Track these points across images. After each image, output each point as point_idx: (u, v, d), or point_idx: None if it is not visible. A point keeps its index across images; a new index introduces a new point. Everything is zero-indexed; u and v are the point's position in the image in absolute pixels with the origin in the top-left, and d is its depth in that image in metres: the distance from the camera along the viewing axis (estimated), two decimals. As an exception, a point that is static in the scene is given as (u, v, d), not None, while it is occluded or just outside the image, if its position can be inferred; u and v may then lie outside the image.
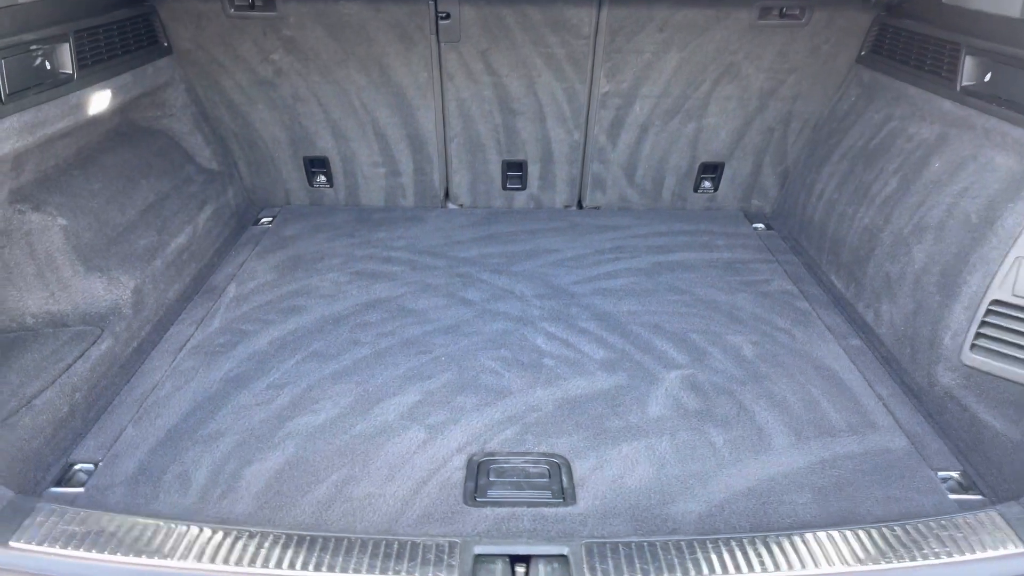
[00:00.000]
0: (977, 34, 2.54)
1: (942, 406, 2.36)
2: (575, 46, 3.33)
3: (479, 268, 3.28)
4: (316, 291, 3.07)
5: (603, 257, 3.40)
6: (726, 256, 3.43)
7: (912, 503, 2.03)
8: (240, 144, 3.67)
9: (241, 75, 3.42)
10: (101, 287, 2.59)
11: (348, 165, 3.76)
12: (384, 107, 3.54)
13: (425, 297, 3.04)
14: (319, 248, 3.45)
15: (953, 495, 2.07)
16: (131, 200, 2.98)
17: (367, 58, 3.37)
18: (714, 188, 3.85)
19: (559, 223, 3.76)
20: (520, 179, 3.83)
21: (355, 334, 2.78)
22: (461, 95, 3.51)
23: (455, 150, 3.70)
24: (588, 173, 3.79)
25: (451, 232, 3.65)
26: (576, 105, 3.54)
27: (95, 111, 2.68)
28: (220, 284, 3.13)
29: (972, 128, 2.52)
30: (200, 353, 2.65)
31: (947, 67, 2.70)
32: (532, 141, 3.67)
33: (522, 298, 3.05)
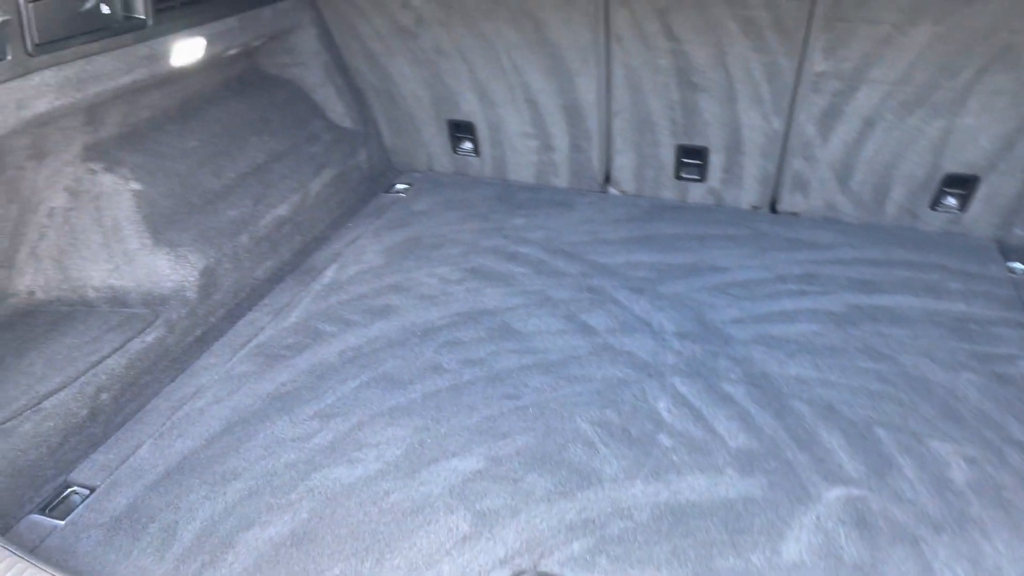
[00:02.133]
0: None
1: None
2: (785, 9, 2.51)
3: (617, 282, 2.64)
4: (417, 288, 2.61)
5: (784, 287, 2.63)
6: (959, 309, 2.52)
7: None
8: (380, 99, 3.25)
9: (380, 21, 2.96)
10: (167, 265, 2.29)
11: (495, 134, 3.22)
12: (537, 70, 2.94)
13: (539, 315, 2.47)
14: (443, 231, 2.97)
15: None
16: (232, 162, 2.66)
17: (519, 10, 2.77)
18: (960, 207, 2.88)
19: (740, 229, 2.99)
20: (699, 169, 3.09)
21: (439, 356, 2.29)
22: (631, 62, 2.81)
23: (619, 127, 3.03)
24: (787, 170, 2.97)
25: (600, 226, 3.01)
26: (778, 85, 2.72)
27: (183, 61, 2.34)
28: (320, 264, 2.76)
29: None
30: (261, 355, 2.29)
31: None
32: (717, 125, 2.91)
33: (658, 334, 2.39)
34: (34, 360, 1.99)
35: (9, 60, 1.73)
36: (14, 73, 1.76)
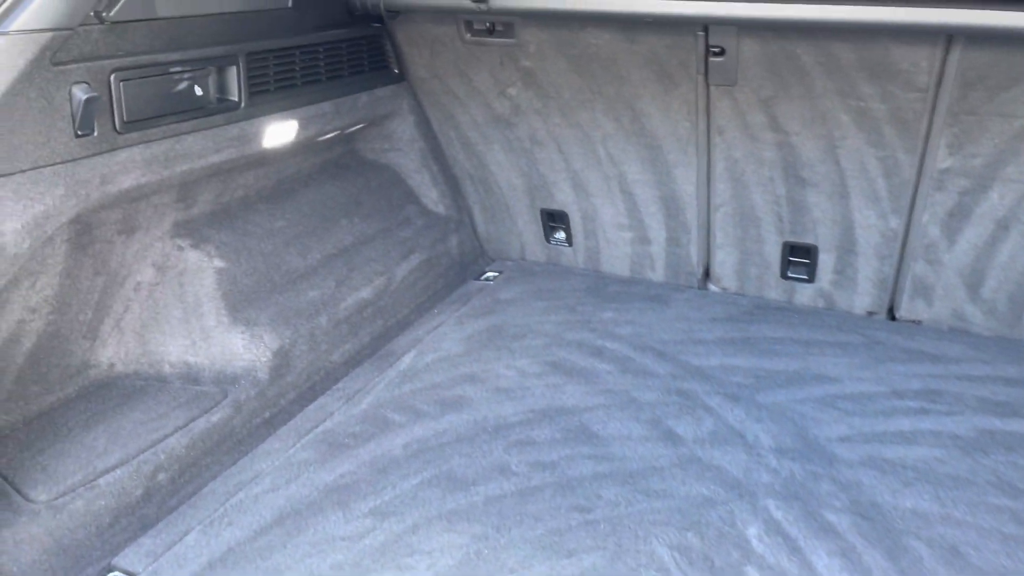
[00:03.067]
0: None
1: None
2: (903, 101, 2.32)
3: (711, 387, 2.43)
4: (494, 380, 2.48)
5: (902, 404, 2.34)
6: (1115, 442, 2.16)
7: None
8: (475, 186, 3.22)
9: (477, 110, 2.95)
10: (240, 344, 2.26)
11: (589, 224, 3.11)
12: (634, 160, 2.84)
13: (621, 417, 2.29)
14: (527, 321, 2.85)
15: None
16: (319, 243, 2.65)
17: (616, 100, 2.69)
18: (1116, 323, 2.52)
19: (851, 336, 2.72)
20: (807, 269, 2.86)
21: (508, 455, 2.13)
22: (733, 154, 2.67)
23: (720, 221, 2.86)
24: (907, 274, 2.70)
25: (695, 325, 2.82)
26: (897, 182, 2.50)
27: (273, 143, 2.37)
28: (399, 350, 2.68)
29: None
30: (324, 442, 2.20)
31: None
32: (827, 222, 2.70)
33: (753, 448, 2.15)
34: (99, 435, 1.98)
35: (95, 136, 1.78)
36: (100, 149, 1.80)
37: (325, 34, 2.52)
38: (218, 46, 2.07)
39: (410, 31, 2.83)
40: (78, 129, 1.74)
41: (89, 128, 1.75)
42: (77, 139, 1.76)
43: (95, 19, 1.76)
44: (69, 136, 1.74)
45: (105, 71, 1.78)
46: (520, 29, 2.65)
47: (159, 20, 1.89)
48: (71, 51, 1.72)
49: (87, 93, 1.72)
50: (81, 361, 2.18)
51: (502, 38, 2.71)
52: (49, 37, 1.64)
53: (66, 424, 2.02)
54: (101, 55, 1.79)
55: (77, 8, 1.68)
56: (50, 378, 2.10)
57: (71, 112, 1.73)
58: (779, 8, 2.22)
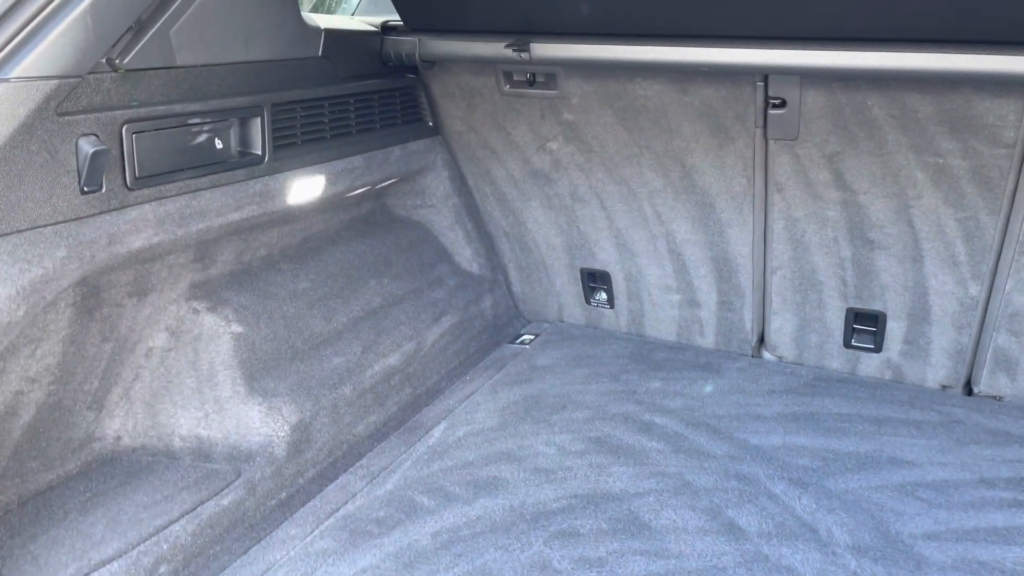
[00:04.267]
0: None
1: None
2: (987, 158, 2.11)
3: (774, 470, 2.18)
4: (532, 459, 2.25)
5: (992, 495, 2.07)
6: None
7: None
8: (511, 244, 3.04)
9: (514, 164, 2.79)
10: (257, 417, 2.07)
11: (633, 285, 2.91)
12: (684, 219, 2.64)
13: (675, 506, 2.04)
14: (567, 391, 2.64)
15: None
16: (345, 305, 2.48)
17: (665, 154, 2.51)
18: None
19: (927, 414, 2.47)
20: (873, 337, 2.62)
21: (549, 550, 1.89)
22: (793, 213, 2.46)
23: (778, 285, 2.64)
24: (988, 345, 2.45)
25: (752, 399, 2.58)
26: (978, 245, 2.27)
27: (299, 199, 2.21)
28: (428, 422, 2.47)
29: None
30: (346, 530, 1.98)
31: None
32: (897, 288, 2.47)
33: (827, 546, 1.89)
34: (97, 519, 1.78)
35: (103, 192, 1.62)
36: (108, 206, 1.64)
37: (356, 84, 2.38)
38: (241, 96, 1.93)
39: (446, 82, 2.69)
40: (84, 185, 1.59)
41: (96, 184, 1.60)
42: (83, 196, 1.61)
43: (107, 66, 1.62)
44: (74, 193, 1.59)
45: (116, 122, 1.63)
46: (563, 80, 2.50)
47: (178, 68, 1.75)
48: (79, 100, 1.58)
49: (95, 146, 1.57)
50: (85, 434, 2.00)
51: (543, 90, 2.55)
52: (55, 85, 1.50)
53: (63, 507, 1.83)
54: (112, 105, 1.65)
55: (87, 54, 1.54)
56: (50, 453, 1.92)
57: (77, 166, 1.57)
58: (849, 56, 2.04)
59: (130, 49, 1.63)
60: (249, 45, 1.92)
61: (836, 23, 2.01)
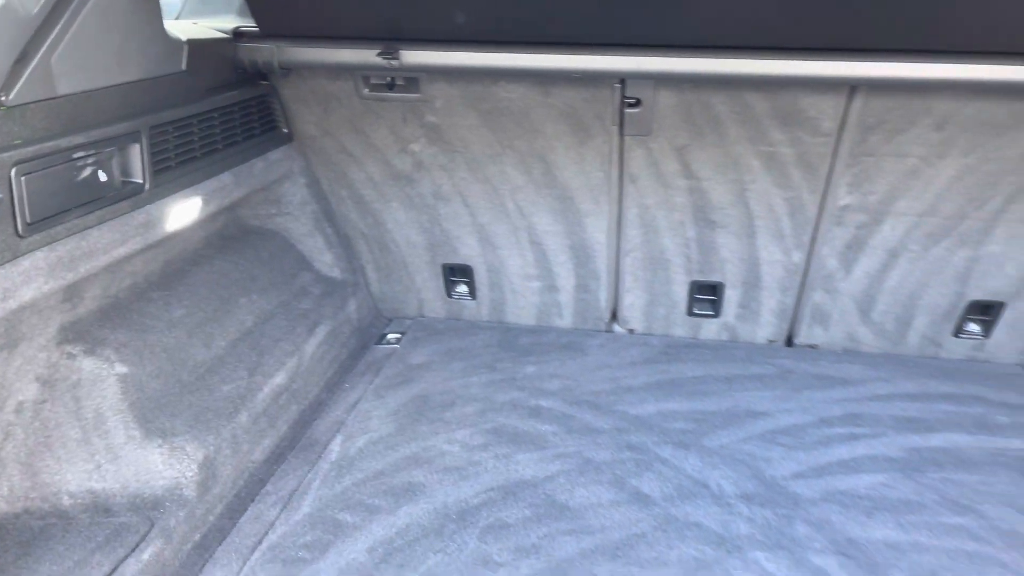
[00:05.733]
0: None
1: None
2: (809, 145, 2.45)
3: (658, 437, 2.42)
4: (440, 460, 2.32)
5: (832, 432, 2.45)
6: (1017, 446, 2.39)
7: None
8: (370, 246, 3.02)
9: (374, 167, 2.78)
10: (160, 460, 1.95)
11: (495, 276, 3.02)
12: (545, 212, 2.79)
13: (585, 483, 2.21)
14: (451, 386, 2.71)
15: None
16: (222, 327, 2.36)
17: (528, 153, 2.64)
18: (984, 334, 2.81)
19: (764, 368, 2.84)
20: (712, 305, 2.95)
21: (486, 545, 1.98)
22: (645, 201, 2.70)
23: (630, 266, 2.88)
24: (806, 303, 2.86)
25: (619, 371, 2.81)
26: (800, 219, 2.64)
27: (178, 225, 2.07)
28: (323, 437, 2.44)
29: None
30: (277, 560, 1.94)
31: None
32: (734, 260, 2.80)
33: (721, 498, 2.16)
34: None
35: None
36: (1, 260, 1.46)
37: (218, 98, 2.25)
38: (120, 122, 1.77)
39: (299, 88, 2.61)
40: (-28, 239, 1.41)
41: (-13, 237, 1.42)
42: (-31, 250, 1.42)
43: (-12, 105, 1.43)
44: (-40, 248, 1.40)
45: (6, 165, 1.45)
46: (426, 84, 2.53)
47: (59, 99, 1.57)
48: (-40, 145, 1.39)
49: (-14, 195, 1.40)
50: (-45, 509, 1.77)
51: (405, 93, 2.57)
52: (-65, 130, 1.31)
53: (-46, 595, 1.63)
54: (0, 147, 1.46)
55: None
56: (-81, 538, 1.69)
57: (-36, 219, 1.39)
58: (697, 62, 2.27)
59: (13, 84, 1.45)
60: (122, 66, 1.76)
61: (686, 33, 2.23)
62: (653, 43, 2.27)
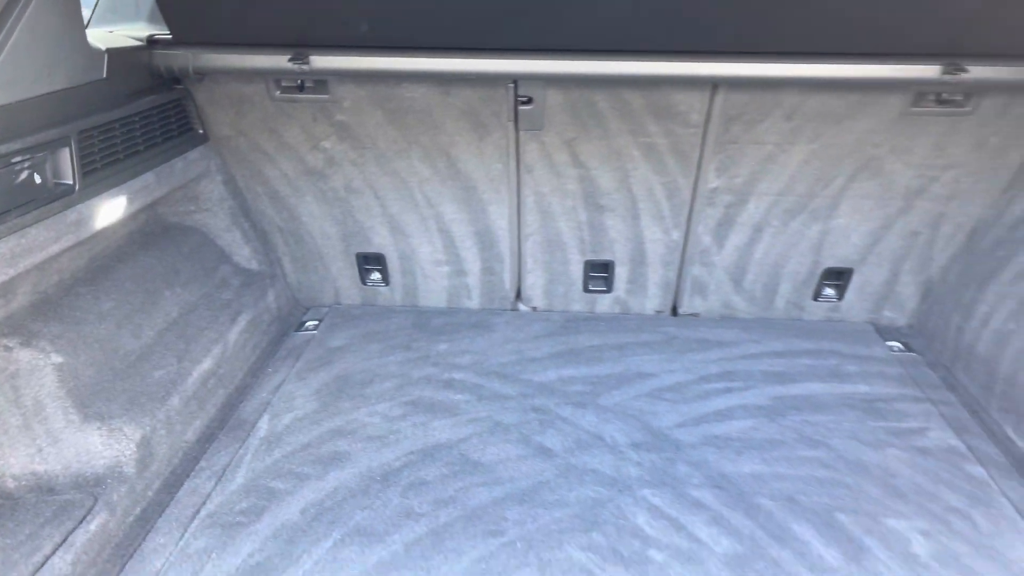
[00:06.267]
0: None
1: None
2: (681, 136, 2.77)
3: (559, 400, 2.70)
4: (363, 431, 2.54)
5: (710, 387, 2.79)
6: (863, 390, 2.78)
7: None
8: (285, 239, 3.19)
9: (287, 164, 2.95)
10: (99, 441, 2.10)
11: (407, 263, 3.24)
12: (451, 201, 3.03)
13: (495, 443, 2.48)
14: (369, 366, 2.92)
15: None
16: (149, 318, 2.51)
17: (432, 147, 2.87)
18: (838, 297, 3.22)
19: (651, 335, 3.16)
20: (605, 281, 3.26)
21: (408, 500, 2.22)
22: (541, 189, 2.97)
23: (530, 248, 3.16)
24: (687, 277, 3.20)
25: (523, 344, 3.09)
26: (677, 202, 2.97)
27: (106, 222, 2.22)
28: (251, 416, 2.62)
29: None
30: (216, 526, 2.12)
31: None
32: (622, 240, 3.11)
33: (614, 448, 2.46)
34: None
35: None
36: (-49, 260, 1.60)
37: (138, 103, 2.39)
38: (52, 128, 1.90)
39: (212, 91, 2.76)
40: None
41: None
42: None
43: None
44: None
45: None
46: (335, 86, 2.72)
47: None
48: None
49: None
50: (-97, 496, 1.88)
51: (315, 95, 2.75)
52: None
53: (-88, 571, 1.75)
54: None
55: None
56: None
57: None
58: (581, 64, 2.55)
59: (-45, 95, 1.58)
60: (51, 76, 1.89)
61: (570, 39, 2.50)
62: (541, 47, 2.54)
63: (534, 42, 2.53)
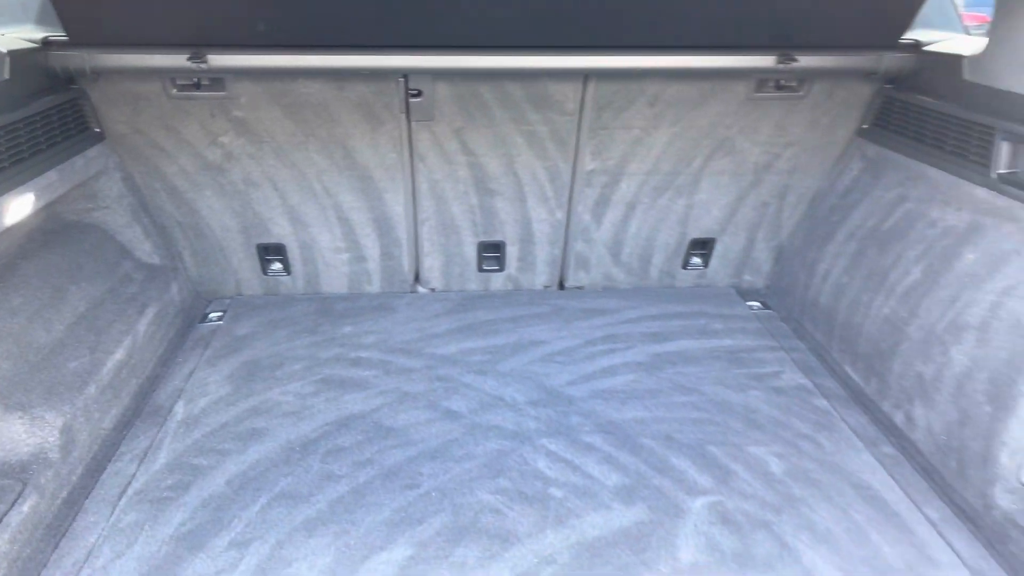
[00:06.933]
0: (1015, 117, 2.34)
1: (1003, 534, 2.10)
2: (559, 123, 3.05)
3: (461, 369, 2.94)
4: (278, 408, 2.69)
5: (595, 349, 3.10)
6: (728, 343, 3.16)
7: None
8: (185, 233, 3.28)
9: (186, 160, 3.04)
10: (22, 429, 2.17)
11: (307, 252, 3.39)
12: (348, 191, 3.20)
13: (404, 410, 2.68)
14: (277, 350, 3.06)
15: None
16: (58, 313, 2.57)
17: (329, 140, 3.03)
18: (704, 264, 3.60)
19: (541, 307, 3.45)
20: (497, 260, 3.52)
21: (328, 464, 2.40)
22: (434, 176, 3.19)
23: (427, 233, 3.37)
24: (571, 253, 3.50)
25: (425, 323, 3.30)
26: (559, 184, 3.26)
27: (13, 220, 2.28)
28: (166, 403, 2.72)
29: (1016, 220, 2.31)
30: (144, 501, 2.24)
31: (976, 150, 2.49)
32: (511, 222, 3.37)
33: (514, 406, 2.72)
34: (-100, 558, 1.81)
35: None
36: None
37: (37, 103, 2.45)
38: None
39: (107, 91, 2.82)
40: None
41: None
42: None
43: None
44: None
45: None
46: (231, 83, 2.84)
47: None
48: None
49: None
50: None
51: (212, 92, 2.86)
52: None
53: None
54: None
55: None
56: None
57: None
58: (466, 59, 2.78)
59: None
60: (-40, 78, 1.96)
61: (456, 35, 2.73)
62: (429, 44, 2.76)
63: (421, 39, 2.74)
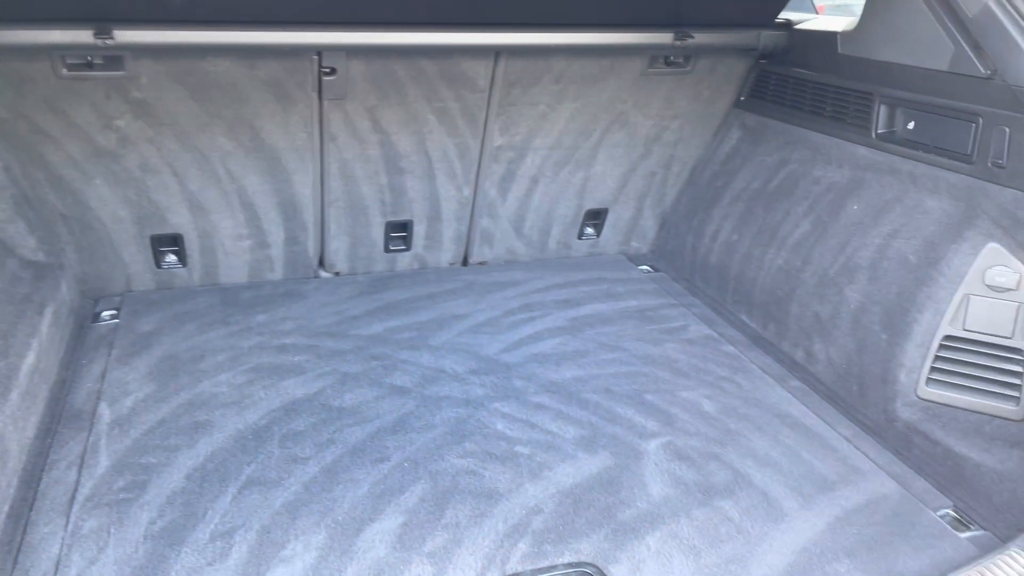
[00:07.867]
0: (890, 83, 2.71)
1: (908, 440, 2.46)
2: (470, 100, 3.13)
3: (393, 347, 2.95)
4: (215, 400, 2.58)
5: (516, 318, 3.22)
6: (633, 304, 3.39)
7: (936, 551, 2.07)
8: (70, 227, 3.02)
9: (74, 146, 2.81)
10: (-48, 443, 1.96)
11: (206, 241, 3.24)
12: (254, 174, 3.09)
13: (349, 390, 2.67)
14: (192, 344, 2.92)
15: (960, 534, 2.14)
16: (-42, 317, 2.32)
17: (236, 121, 2.92)
18: (597, 234, 3.82)
19: (452, 283, 3.51)
20: (404, 240, 3.54)
21: (288, 449, 2.36)
22: (344, 156, 3.16)
23: (334, 215, 3.33)
24: (476, 229, 3.59)
25: (340, 306, 3.26)
26: (468, 161, 3.33)
27: None
28: (85, 406, 2.53)
29: (895, 172, 2.68)
30: (100, 505, 2.09)
31: (855, 114, 2.85)
32: (420, 200, 3.40)
33: (457, 376, 2.78)
34: None
35: None
36: None
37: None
38: None
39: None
40: None
41: None
42: None
43: None
44: None
45: None
46: (131, 62, 2.66)
47: None
48: None
49: None
50: None
51: (107, 71, 2.67)
52: None
53: None
54: None
55: None
56: None
57: None
58: (380, 36, 2.79)
59: None
60: None
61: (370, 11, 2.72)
62: (343, 20, 2.73)
63: (335, 14, 2.71)
